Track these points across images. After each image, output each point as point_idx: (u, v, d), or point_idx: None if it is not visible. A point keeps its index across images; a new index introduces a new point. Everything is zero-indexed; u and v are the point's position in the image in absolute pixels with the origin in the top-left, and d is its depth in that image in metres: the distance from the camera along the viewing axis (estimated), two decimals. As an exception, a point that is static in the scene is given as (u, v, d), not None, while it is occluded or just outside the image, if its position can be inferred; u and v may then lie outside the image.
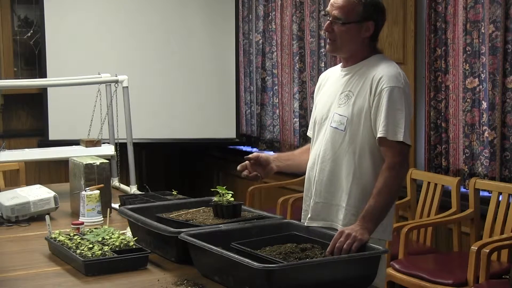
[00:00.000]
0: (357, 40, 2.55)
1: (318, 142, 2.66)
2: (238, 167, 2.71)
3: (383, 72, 2.50)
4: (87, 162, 3.42)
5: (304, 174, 2.74)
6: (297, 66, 5.57)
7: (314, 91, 2.85)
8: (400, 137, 2.45)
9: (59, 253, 2.66)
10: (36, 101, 6.22)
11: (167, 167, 6.99)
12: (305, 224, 2.62)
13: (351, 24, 2.53)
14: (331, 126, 2.59)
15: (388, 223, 2.58)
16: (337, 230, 2.49)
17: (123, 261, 2.48)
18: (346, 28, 2.53)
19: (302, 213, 2.74)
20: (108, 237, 2.65)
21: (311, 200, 2.66)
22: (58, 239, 2.67)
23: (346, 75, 2.62)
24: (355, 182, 2.54)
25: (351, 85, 2.58)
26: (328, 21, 2.57)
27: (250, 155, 2.72)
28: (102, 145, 4.19)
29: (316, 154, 2.65)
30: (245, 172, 2.69)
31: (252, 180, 2.76)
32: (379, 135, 2.47)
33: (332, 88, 2.67)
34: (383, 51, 2.67)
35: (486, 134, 4.04)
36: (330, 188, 2.60)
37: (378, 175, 2.48)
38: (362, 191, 2.53)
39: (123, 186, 4.15)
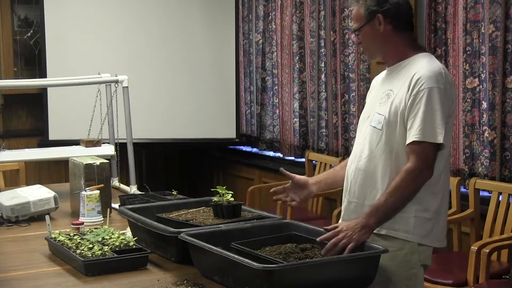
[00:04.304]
0: (378, 37, 2.55)
1: (358, 141, 2.62)
2: (273, 190, 2.75)
3: (423, 72, 2.45)
4: (87, 162, 3.41)
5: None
6: (297, 66, 5.57)
7: (313, 90, 2.85)
8: (441, 139, 2.39)
9: (59, 253, 2.66)
10: (36, 101, 6.21)
11: (167, 167, 6.99)
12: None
13: (363, 27, 2.56)
14: (370, 125, 2.55)
15: (439, 228, 2.57)
16: None
17: (123, 261, 2.48)
18: (362, 33, 2.58)
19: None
20: (108, 237, 2.65)
21: (346, 200, 2.62)
22: (58, 239, 2.68)
23: (389, 74, 2.61)
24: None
25: (392, 83, 2.55)
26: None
27: (284, 172, 2.72)
28: (102, 145, 4.19)
29: (354, 153, 2.61)
30: (281, 196, 2.74)
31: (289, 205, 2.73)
32: (414, 138, 2.40)
33: (377, 88, 2.66)
34: (429, 50, 2.64)
35: (486, 134, 4.04)
36: (364, 188, 2.55)
37: None
38: None
39: (123, 186, 4.15)
